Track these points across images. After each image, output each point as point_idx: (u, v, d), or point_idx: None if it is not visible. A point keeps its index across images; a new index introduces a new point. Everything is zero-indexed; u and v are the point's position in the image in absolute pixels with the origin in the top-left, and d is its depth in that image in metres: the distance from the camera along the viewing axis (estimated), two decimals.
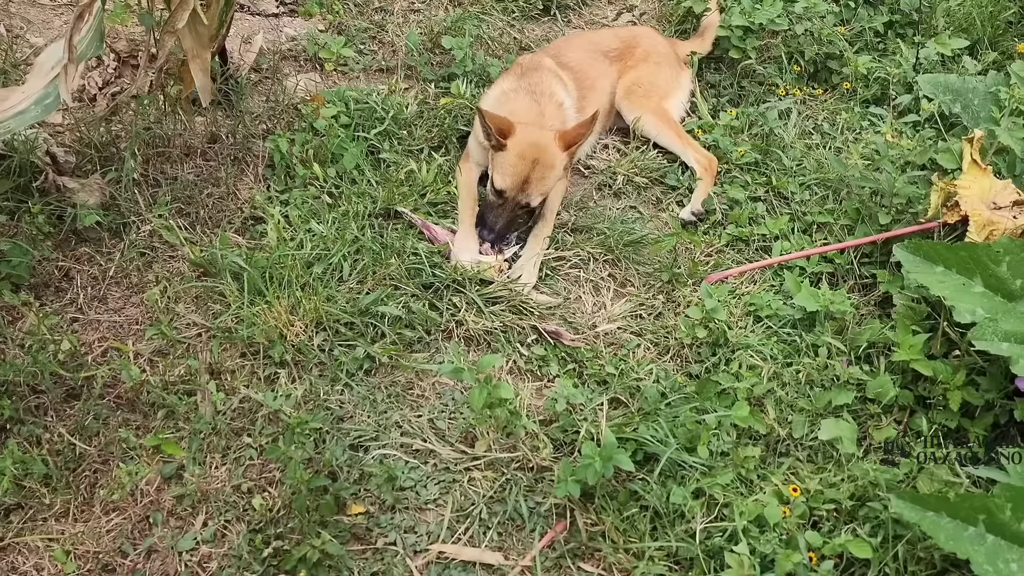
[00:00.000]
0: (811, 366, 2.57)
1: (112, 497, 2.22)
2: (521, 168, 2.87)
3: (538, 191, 2.91)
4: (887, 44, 3.93)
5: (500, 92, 3.20)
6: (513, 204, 2.91)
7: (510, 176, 2.87)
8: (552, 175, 2.91)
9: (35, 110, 2.46)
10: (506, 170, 2.88)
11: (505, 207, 2.91)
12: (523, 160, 2.87)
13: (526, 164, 2.86)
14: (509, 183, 2.88)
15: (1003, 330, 2.32)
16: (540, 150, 2.88)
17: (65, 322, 2.59)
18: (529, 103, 3.10)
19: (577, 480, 2.19)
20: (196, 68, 2.85)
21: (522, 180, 2.88)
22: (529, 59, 3.38)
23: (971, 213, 2.66)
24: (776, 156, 3.33)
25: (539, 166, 2.88)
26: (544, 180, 2.90)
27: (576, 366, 2.66)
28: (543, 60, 3.35)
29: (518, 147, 2.87)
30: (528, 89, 3.15)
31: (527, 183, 2.88)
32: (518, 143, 2.88)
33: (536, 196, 2.92)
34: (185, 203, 2.95)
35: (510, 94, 3.15)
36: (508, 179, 2.88)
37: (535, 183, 2.89)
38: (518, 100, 3.13)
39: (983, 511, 1.97)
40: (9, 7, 3.56)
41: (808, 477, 2.32)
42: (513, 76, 3.25)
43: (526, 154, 2.87)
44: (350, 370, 2.56)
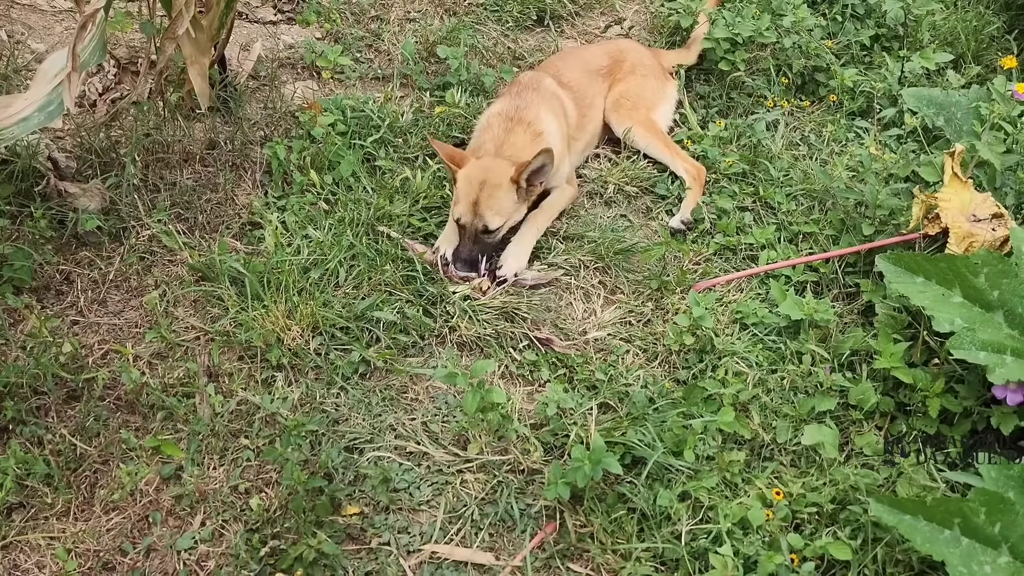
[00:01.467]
0: (795, 373, 2.64)
1: (112, 497, 2.27)
2: (470, 192, 2.90)
3: (491, 211, 2.91)
4: (873, 57, 4.01)
5: (488, 114, 3.26)
6: (473, 231, 2.93)
7: (461, 202, 2.91)
8: (501, 194, 2.92)
9: (38, 117, 2.51)
10: (458, 197, 2.93)
11: (466, 235, 2.94)
12: (470, 184, 2.90)
13: (474, 187, 2.90)
14: (461, 209, 2.91)
15: (980, 339, 2.38)
16: (487, 171, 2.92)
17: (66, 325, 2.64)
18: (499, 132, 3.13)
19: (567, 483, 2.25)
20: (195, 74, 2.90)
21: (472, 203, 2.90)
22: (529, 77, 3.41)
23: (951, 225, 2.73)
24: (764, 167, 3.40)
25: (487, 186, 2.90)
26: (492, 198, 2.90)
27: (567, 371, 2.72)
28: (544, 80, 3.39)
29: (466, 174, 2.93)
30: (508, 115, 3.17)
31: (477, 205, 2.90)
32: (466, 170, 2.93)
33: (492, 217, 2.91)
34: (184, 208, 3.00)
35: (494, 117, 3.20)
36: (460, 206, 2.91)
37: (484, 203, 2.90)
38: (494, 127, 3.16)
39: (958, 515, 2.04)
40: (10, 13, 3.61)
41: (791, 481, 2.38)
42: (508, 96, 3.29)
43: (473, 177, 2.91)
44: (346, 374, 2.62)
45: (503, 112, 3.21)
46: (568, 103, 3.38)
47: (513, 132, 3.14)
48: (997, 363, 2.34)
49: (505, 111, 3.21)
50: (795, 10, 3.88)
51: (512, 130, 3.14)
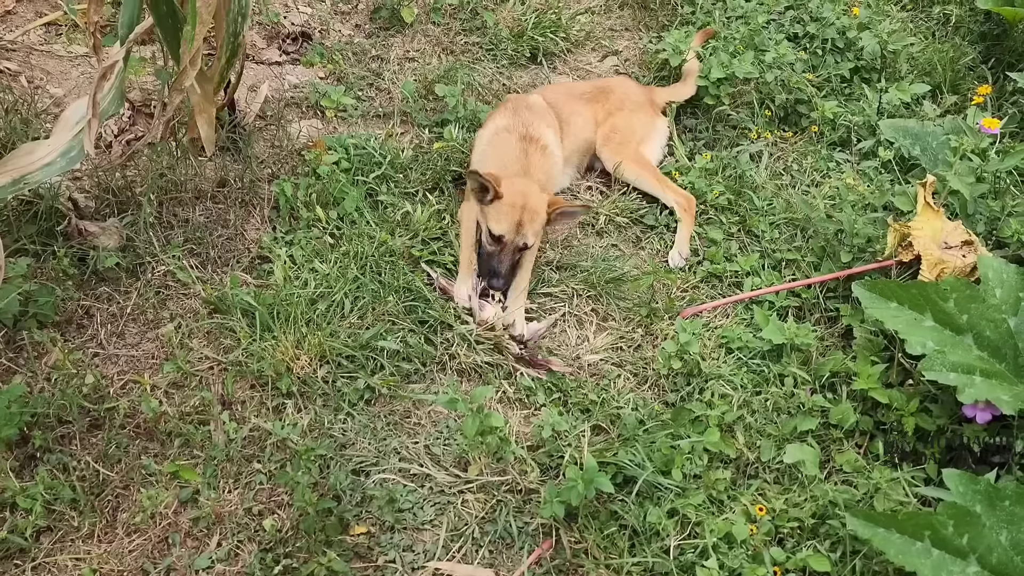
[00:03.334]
0: (778, 395, 2.78)
1: (134, 520, 2.40)
2: (513, 213, 3.11)
3: (531, 231, 3.14)
4: (853, 89, 4.17)
5: (494, 130, 3.45)
6: (513, 247, 3.14)
7: (505, 221, 3.11)
8: (539, 219, 3.14)
9: (61, 162, 2.67)
10: (499, 218, 3.12)
11: (505, 251, 3.14)
12: (515, 208, 3.12)
13: (518, 210, 3.11)
14: (503, 227, 3.11)
15: (951, 361, 2.51)
16: (527, 197, 3.14)
17: (87, 357, 2.78)
18: (518, 151, 3.36)
19: (562, 501, 2.38)
20: (202, 122, 3.07)
21: (516, 223, 3.11)
22: (519, 96, 3.66)
23: (923, 253, 2.88)
24: (748, 197, 3.56)
25: (527, 210, 3.12)
26: (533, 222, 3.13)
27: (561, 395, 2.86)
28: (532, 97, 3.63)
29: (510, 196, 3.13)
30: (520, 134, 3.42)
31: (521, 225, 3.12)
32: (510, 193, 3.13)
33: (532, 236, 3.15)
34: (196, 244, 3.15)
35: (503, 132, 3.43)
36: (502, 224, 3.12)
37: (527, 224, 3.12)
38: (511, 144, 3.39)
39: (928, 527, 2.16)
40: (29, 59, 3.78)
41: (774, 497, 2.51)
42: (508, 112, 3.52)
43: (516, 202, 3.12)
44: (352, 400, 2.76)
45: (510, 128, 3.44)
46: (551, 118, 3.59)
47: (530, 153, 3.39)
48: (967, 384, 2.47)
49: (511, 127, 3.44)
50: (776, 46, 4.06)
51: (527, 151, 3.39)
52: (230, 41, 2.99)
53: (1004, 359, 2.57)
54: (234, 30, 2.97)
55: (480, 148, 3.50)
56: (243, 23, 2.98)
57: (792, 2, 4.51)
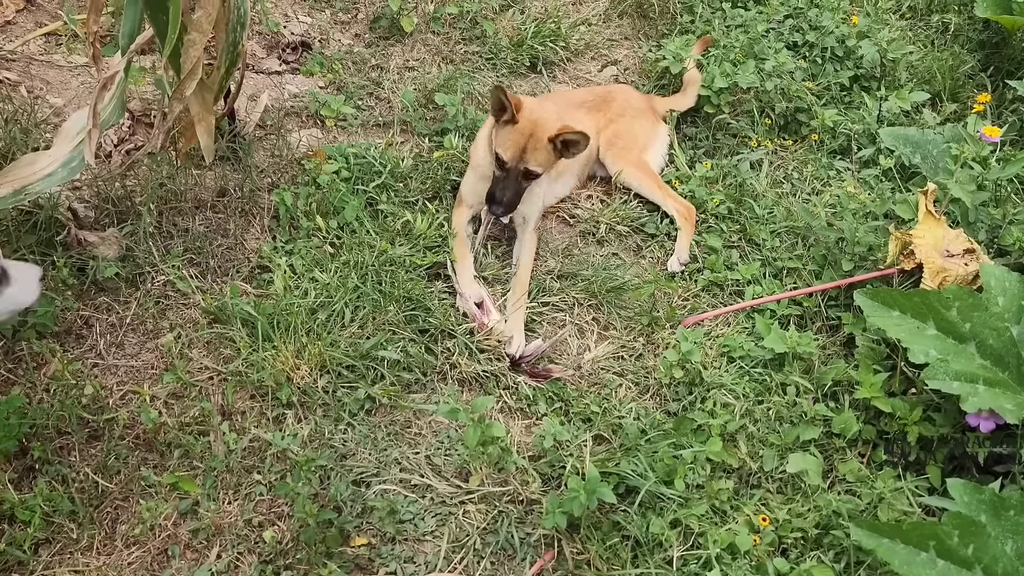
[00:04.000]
0: (780, 404, 2.77)
1: (133, 532, 2.39)
2: (519, 140, 3.17)
3: (534, 160, 3.18)
4: (853, 97, 4.17)
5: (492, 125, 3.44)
6: (516, 173, 3.20)
7: (510, 147, 3.18)
8: (542, 147, 3.18)
9: (61, 172, 2.67)
10: (508, 142, 3.18)
11: (509, 177, 3.20)
12: (522, 134, 3.17)
13: (523, 137, 3.16)
14: (510, 153, 3.18)
15: (954, 370, 2.51)
16: (537, 126, 3.18)
17: (86, 367, 2.77)
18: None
19: (564, 512, 2.36)
20: (201, 131, 3.05)
21: (520, 149, 3.17)
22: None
23: (925, 261, 2.87)
24: (749, 205, 3.55)
25: (533, 139, 3.17)
26: (538, 150, 3.17)
27: (562, 405, 2.85)
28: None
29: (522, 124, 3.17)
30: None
31: (524, 152, 3.17)
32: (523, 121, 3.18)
33: (533, 164, 3.19)
34: (196, 254, 3.14)
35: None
36: (509, 150, 3.18)
37: (530, 151, 3.17)
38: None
39: (933, 537, 2.14)
40: (29, 69, 3.78)
41: (777, 508, 2.50)
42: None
43: (524, 129, 3.17)
44: (352, 410, 2.74)
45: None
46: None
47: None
48: (970, 392, 2.46)
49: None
50: (776, 54, 4.06)
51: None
52: (229, 50, 3.00)
53: (1007, 368, 2.57)
54: (233, 39, 2.97)
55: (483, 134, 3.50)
56: (242, 32, 2.98)
57: (791, 11, 4.51)
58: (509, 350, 2.96)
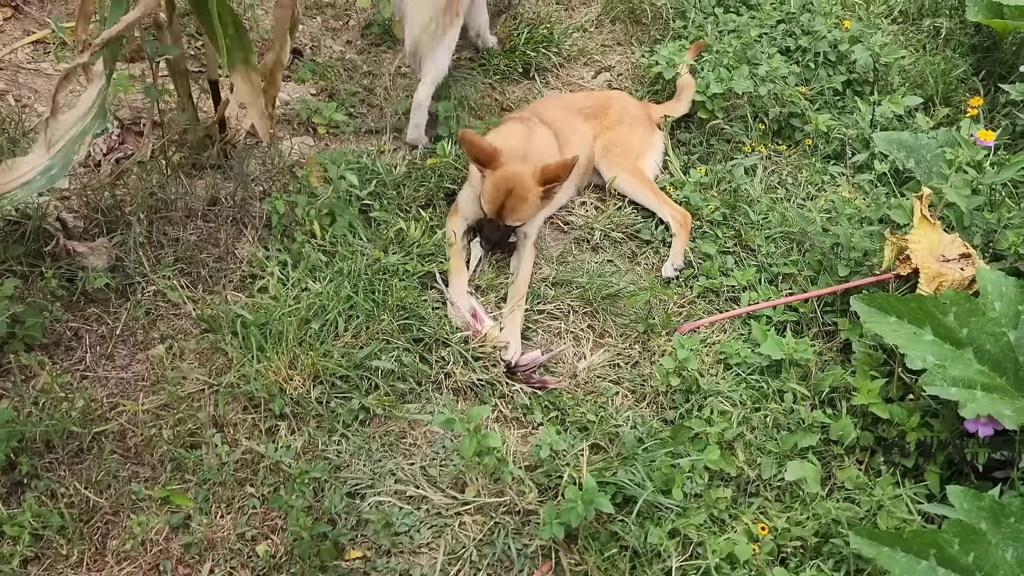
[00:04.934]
0: (778, 411, 2.75)
1: (124, 547, 2.35)
2: (497, 197, 3.19)
3: (513, 217, 3.21)
4: (846, 102, 4.17)
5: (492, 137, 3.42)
6: (498, 223, 3.23)
7: (488, 203, 3.22)
8: (526, 206, 3.20)
9: (40, 180, 2.61)
10: (486, 197, 3.22)
11: (494, 225, 3.25)
12: (498, 191, 3.18)
13: (501, 194, 3.18)
14: (488, 208, 3.22)
15: (951, 376, 2.49)
16: (512, 181, 3.18)
17: (75, 380, 2.74)
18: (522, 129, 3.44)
19: (561, 522, 2.34)
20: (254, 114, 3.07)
21: (499, 206, 3.20)
22: (517, 114, 3.67)
23: (921, 266, 2.86)
24: (743, 211, 3.54)
25: (512, 197, 3.17)
26: (516, 210, 3.19)
27: (558, 414, 2.82)
28: (528, 117, 3.58)
29: (494, 180, 3.19)
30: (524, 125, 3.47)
31: (503, 209, 3.20)
32: (495, 178, 3.19)
33: (513, 220, 3.22)
34: (187, 263, 3.11)
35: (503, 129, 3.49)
36: (488, 205, 3.22)
37: (509, 210, 3.19)
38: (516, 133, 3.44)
39: (933, 545, 2.13)
40: (17, 78, 3.75)
41: (776, 516, 2.48)
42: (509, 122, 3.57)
43: (500, 186, 3.18)
44: (346, 421, 2.71)
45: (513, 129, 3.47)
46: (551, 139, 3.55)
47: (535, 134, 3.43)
48: (968, 398, 2.45)
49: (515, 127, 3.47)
50: (769, 59, 4.06)
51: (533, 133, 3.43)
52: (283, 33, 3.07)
53: (1005, 373, 2.55)
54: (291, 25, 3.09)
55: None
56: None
57: (784, 16, 4.51)
58: (505, 356, 2.93)
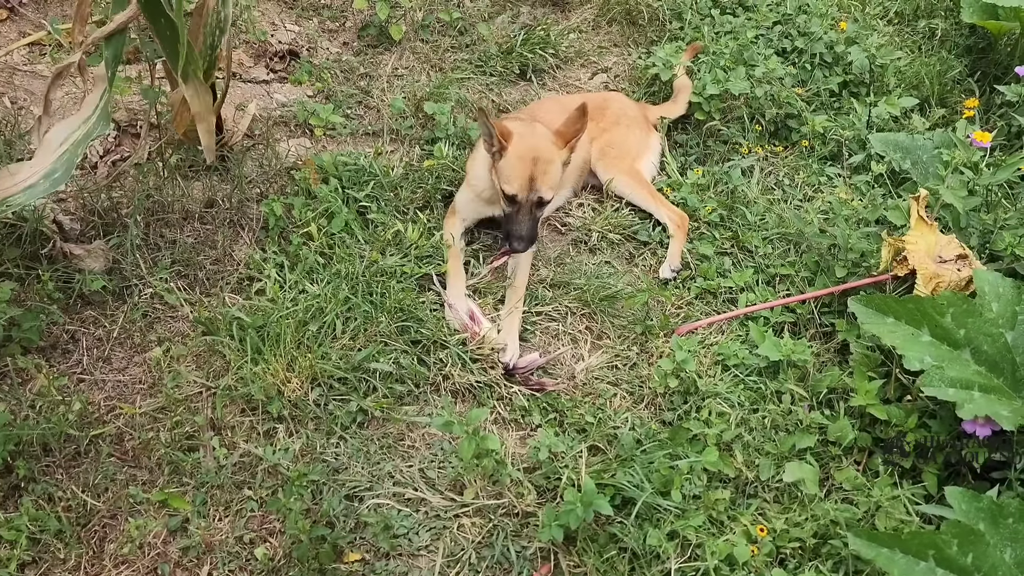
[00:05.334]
0: (776, 412, 2.75)
1: (122, 551, 2.34)
2: (523, 168, 3.09)
3: (547, 185, 3.11)
4: (842, 103, 4.18)
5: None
6: (529, 205, 3.12)
7: (516, 179, 3.09)
8: (554, 169, 3.11)
9: (44, 184, 2.62)
10: (511, 172, 3.10)
11: (522, 211, 3.13)
12: (524, 161, 3.09)
13: (528, 163, 3.09)
14: (517, 185, 3.10)
15: (949, 377, 2.49)
16: (537, 148, 3.11)
17: (72, 383, 2.73)
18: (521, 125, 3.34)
19: (560, 524, 2.34)
20: (203, 130, 3.03)
21: (528, 178, 3.09)
22: (513, 115, 3.65)
23: (918, 267, 2.87)
24: (741, 212, 3.54)
25: (540, 162, 3.10)
26: (548, 174, 3.10)
27: (557, 415, 2.82)
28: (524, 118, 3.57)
29: (517, 150, 3.11)
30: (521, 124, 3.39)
31: (533, 180, 3.10)
32: (516, 146, 3.11)
33: (547, 190, 3.12)
34: (184, 266, 3.10)
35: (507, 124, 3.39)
36: (516, 182, 3.10)
37: (541, 178, 3.10)
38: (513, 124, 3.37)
39: (932, 547, 2.13)
40: (13, 80, 3.73)
41: (775, 517, 2.48)
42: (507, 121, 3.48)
43: (525, 154, 3.09)
44: (344, 423, 2.71)
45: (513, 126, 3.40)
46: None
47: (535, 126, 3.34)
48: (966, 399, 2.44)
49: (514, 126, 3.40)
50: (766, 61, 4.07)
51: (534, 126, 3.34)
52: (207, 54, 2.97)
53: (1002, 373, 2.56)
54: (211, 43, 2.95)
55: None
56: (221, 36, 2.96)
57: (780, 17, 4.53)
58: (503, 358, 2.93)
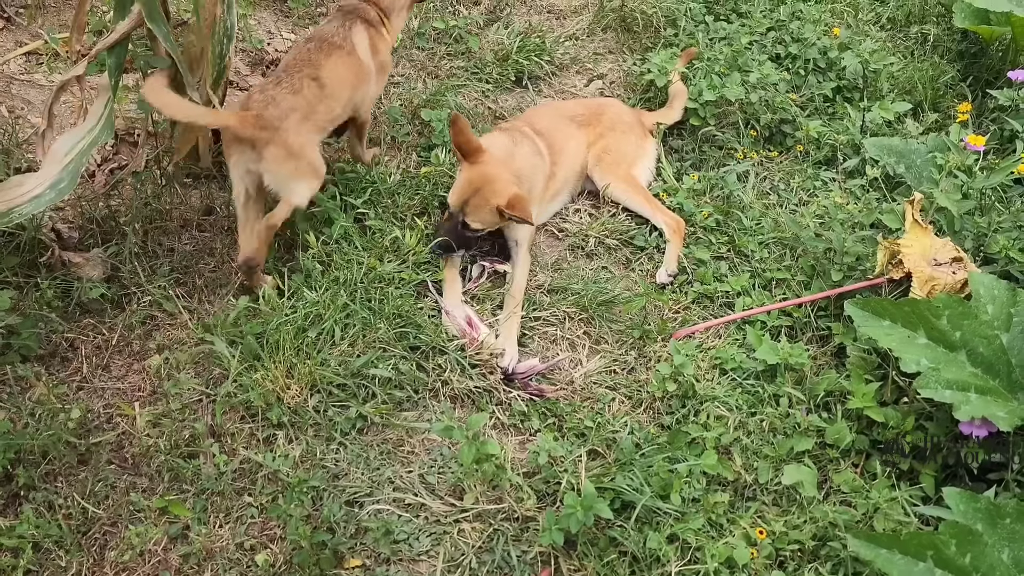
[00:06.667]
0: (773, 415, 2.76)
1: (122, 558, 2.34)
2: (464, 190, 3.18)
3: (473, 217, 3.18)
4: (836, 108, 4.21)
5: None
6: (455, 222, 3.21)
7: (454, 193, 3.21)
8: (484, 214, 3.17)
9: (49, 194, 2.63)
10: (455, 187, 3.22)
11: (453, 223, 3.21)
12: (469, 185, 3.18)
13: (469, 190, 3.17)
14: (453, 199, 3.21)
15: (945, 379, 2.51)
16: (484, 182, 3.17)
17: (71, 390, 2.73)
18: (507, 142, 3.42)
19: (560, 529, 2.34)
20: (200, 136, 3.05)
21: (463, 200, 3.18)
22: (507, 124, 3.67)
23: (914, 270, 2.89)
24: (736, 217, 3.56)
25: (478, 196, 3.16)
26: (478, 210, 3.17)
27: (556, 420, 2.83)
28: (521, 127, 3.60)
29: (468, 175, 3.19)
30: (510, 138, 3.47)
31: (466, 205, 3.18)
32: (470, 171, 3.19)
33: (474, 222, 3.19)
34: (183, 273, 3.11)
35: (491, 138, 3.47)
36: (453, 195, 3.22)
37: (471, 208, 3.17)
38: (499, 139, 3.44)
39: (931, 547, 2.14)
40: (10, 88, 3.74)
41: (774, 520, 2.49)
42: (496, 132, 3.56)
43: (473, 181, 3.18)
44: (344, 429, 2.71)
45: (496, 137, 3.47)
46: (543, 148, 3.56)
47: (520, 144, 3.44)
48: (962, 401, 2.46)
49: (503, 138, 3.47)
50: (760, 66, 4.10)
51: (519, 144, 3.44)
52: (216, 63, 2.99)
53: (998, 375, 2.58)
54: (220, 52, 2.97)
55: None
56: (228, 44, 2.98)
57: (774, 23, 4.56)
58: (502, 363, 2.94)
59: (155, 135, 3.28)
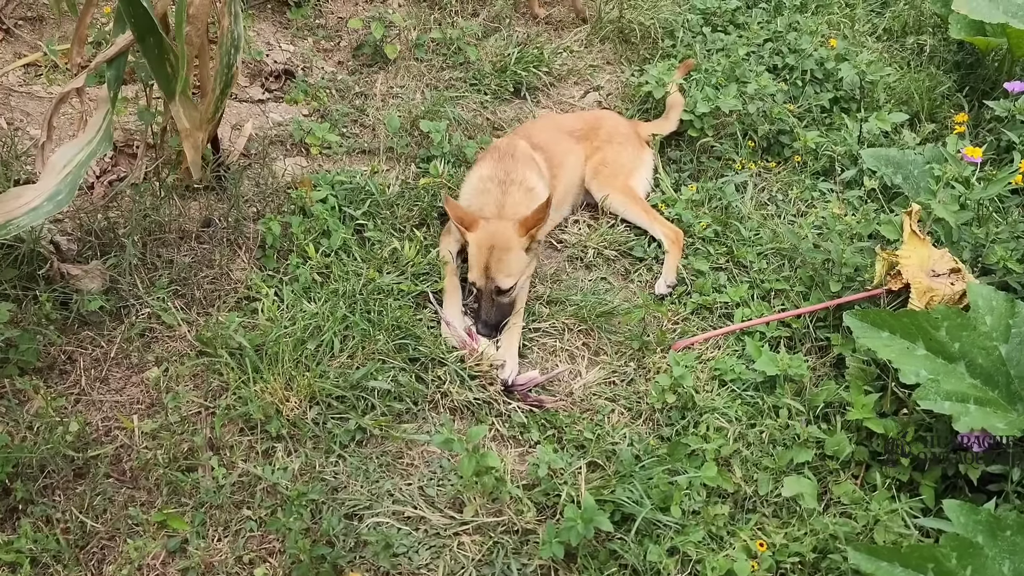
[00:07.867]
0: (773, 426, 2.76)
1: (121, 572, 2.33)
2: (481, 257, 3.12)
3: (502, 273, 3.11)
4: (833, 119, 4.22)
5: (478, 179, 3.44)
6: (488, 293, 3.12)
7: (474, 267, 3.15)
8: (511, 257, 3.12)
9: (47, 206, 2.61)
10: (471, 262, 3.16)
11: (483, 298, 3.13)
12: (481, 249, 3.13)
13: (484, 252, 3.12)
14: (475, 274, 3.14)
15: (944, 390, 2.51)
16: (495, 236, 3.14)
17: (70, 404, 2.72)
18: (497, 194, 3.36)
19: (560, 541, 2.34)
20: (189, 147, 3.03)
21: (484, 265, 3.12)
22: (505, 142, 3.62)
23: (912, 281, 2.89)
24: (735, 227, 3.57)
25: (496, 250, 3.11)
26: (503, 262, 3.11)
27: (555, 432, 2.83)
28: (518, 143, 3.59)
29: (476, 239, 3.15)
30: (500, 179, 3.40)
31: (489, 268, 3.11)
32: (476, 236, 3.15)
33: (503, 279, 3.11)
34: (181, 285, 3.10)
35: (487, 182, 3.42)
36: (474, 271, 3.15)
37: (494, 266, 3.11)
38: (491, 190, 3.39)
39: (931, 560, 2.14)
40: (9, 100, 3.74)
41: (774, 532, 2.49)
42: (491, 161, 3.50)
43: (483, 243, 3.13)
44: (343, 442, 2.71)
45: (493, 176, 3.42)
46: (541, 163, 3.57)
47: (509, 193, 3.37)
48: (961, 412, 2.46)
49: (494, 175, 3.42)
50: (757, 78, 4.11)
51: (508, 191, 3.37)
52: (224, 73, 2.99)
53: (997, 386, 2.58)
54: (228, 62, 2.97)
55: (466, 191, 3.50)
56: (236, 55, 2.98)
57: (771, 35, 4.58)
58: (502, 375, 2.94)
59: (154, 147, 3.28)
